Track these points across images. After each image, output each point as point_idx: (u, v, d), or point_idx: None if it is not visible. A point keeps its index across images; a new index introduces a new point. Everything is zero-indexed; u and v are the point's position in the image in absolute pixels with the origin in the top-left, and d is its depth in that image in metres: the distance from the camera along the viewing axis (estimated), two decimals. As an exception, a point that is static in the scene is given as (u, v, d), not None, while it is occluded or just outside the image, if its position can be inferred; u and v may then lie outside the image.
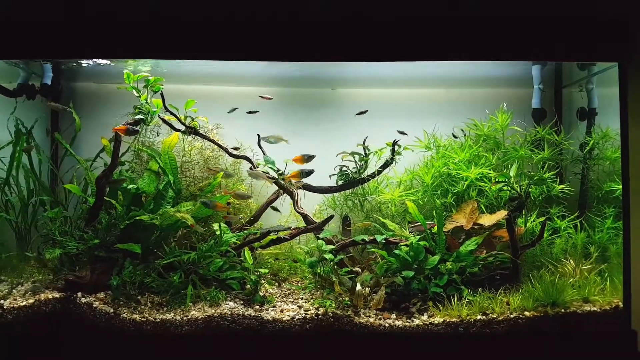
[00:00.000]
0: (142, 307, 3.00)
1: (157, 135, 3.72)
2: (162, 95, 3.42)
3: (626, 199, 2.97)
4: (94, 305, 2.93)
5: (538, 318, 2.88)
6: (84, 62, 3.50)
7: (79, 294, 3.00)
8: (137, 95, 3.43)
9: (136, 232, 3.24)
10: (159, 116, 3.51)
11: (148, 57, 3.27)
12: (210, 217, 3.48)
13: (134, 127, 3.16)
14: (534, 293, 2.98)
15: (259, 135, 3.69)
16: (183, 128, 3.56)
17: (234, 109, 3.67)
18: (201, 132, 3.63)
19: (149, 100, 3.45)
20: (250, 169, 3.61)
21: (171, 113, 3.49)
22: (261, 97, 3.69)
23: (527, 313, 2.90)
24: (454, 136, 3.77)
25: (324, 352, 2.90)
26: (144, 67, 3.53)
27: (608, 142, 3.61)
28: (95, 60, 3.40)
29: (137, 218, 3.14)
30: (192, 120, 3.56)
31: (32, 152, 3.70)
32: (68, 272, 3.14)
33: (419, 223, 3.36)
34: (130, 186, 3.33)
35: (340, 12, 2.97)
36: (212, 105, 3.83)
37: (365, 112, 3.67)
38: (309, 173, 3.36)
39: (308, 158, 3.37)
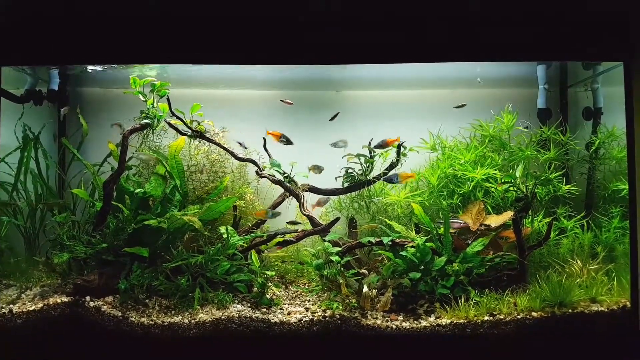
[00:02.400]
0: (150, 310, 3.01)
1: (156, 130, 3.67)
2: (168, 99, 3.44)
3: (632, 198, 2.95)
4: (103, 309, 2.94)
5: (545, 318, 2.87)
6: (91, 68, 3.52)
7: (88, 297, 3.01)
8: (144, 99, 3.46)
9: (144, 236, 3.25)
10: (165, 120, 3.53)
11: (152, 62, 3.32)
12: (217, 220, 3.50)
13: (287, 138, 3.29)
14: (541, 293, 2.96)
15: (264, 138, 3.71)
16: (189, 132, 3.58)
17: (285, 140, 3.60)
18: (207, 135, 3.65)
19: (155, 105, 3.49)
20: (257, 172, 3.63)
21: (177, 117, 3.51)
22: (282, 101, 3.71)
23: (534, 314, 2.90)
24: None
25: (332, 354, 2.90)
26: (150, 71, 3.55)
27: (614, 141, 3.60)
28: (101, 65, 3.43)
29: (145, 222, 3.15)
30: (198, 124, 3.58)
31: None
32: (76, 276, 3.16)
33: (460, 221, 3.34)
34: (137, 190, 3.35)
35: (342, 14, 2.97)
36: (218, 109, 3.85)
37: (337, 114, 3.69)
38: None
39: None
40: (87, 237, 3.26)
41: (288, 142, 3.40)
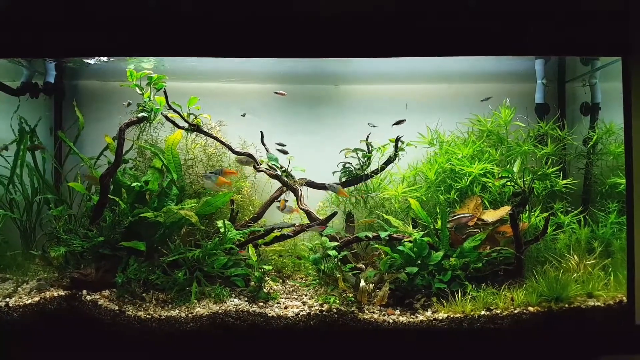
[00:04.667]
0: (147, 304, 3.01)
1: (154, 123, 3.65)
2: (165, 92, 3.42)
3: (630, 194, 2.95)
4: (99, 303, 2.93)
5: (542, 313, 2.88)
6: (88, 60, 3.49)
7: (84, 291, 3.00)
8: (140, 92, 3.45)
9: (140, 230, 3.24)
10: (162, 114, 3.51)
11: (150, 55, 3.27)
12: (214, 214, 3.49)
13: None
14: (537, 288, 2.96)
15: (262, 132, 3.70)
16: (186, 125, 3.56)
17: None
18: (204, 129, 3.63)
19: (152, 98, 3.47)
20: (254, 166, 3.62)
21: (174, 110, 3.49)
22: (276, 93, 3.70)
23: (531, 308, 2.90)
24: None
25: (328, 348, 2.90)
26: (147, 64, 3.52)
27: (611, 136, 3.60)
28: (98, 58, 3.40)
29: (141, 215, 3.14)
30: (195, 117, 3.57)
31: (36, 150, 3.71)
32: (73, 270, 3.15)
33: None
34: (134, 184, 3.33)
35: (339, 8, 2.95)
36: (215, 102, 3.83)
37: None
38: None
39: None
40: (83, 230, 3.25)
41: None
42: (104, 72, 3.82)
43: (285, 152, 3.58)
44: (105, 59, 3.43)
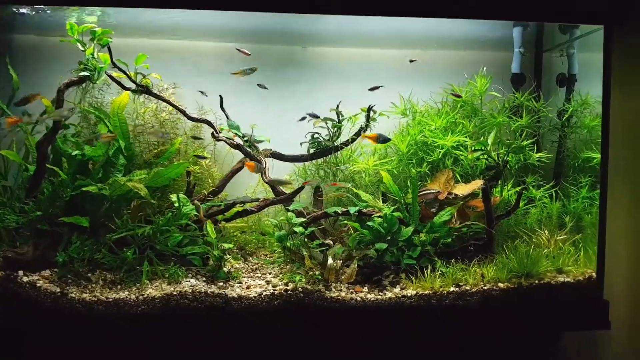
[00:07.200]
0: (93, 285, 2.79)
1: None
2: (109, 49, 3.09)
3: (604, 168, 2.91)
4: (38, 285, 2.70)
5: (512, 289, 2.85)
6: (22, 10, 3.12)
7: (20, 272, 2.76)
8: (82, 49, 3.11)
9: (84, 204, 2.98)
10: (106, 73, 3.19)
11: (92, 5, 2.91)
12: (167, 187, 3.22)
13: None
14: (508, 264, 2.94)
15: (221, 96, 3.41)
16: (133, 86, 3.23)
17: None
18: (154, 91, 3.31)
19: (95, 55, 3.15)
20: (212, 134, 3.35)
21: (120, 69, 3.16)
22: (238, 50, 3.37)
23: (500, 284, 2.87)
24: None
25: (294, 329, 2.79)
26: (90, 17, 3.16)
27: (587, 109, 3.53)
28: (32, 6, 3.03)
29: (84, 188, 2.85)
30: (144, 77, 3.23)
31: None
32: (7, 249, 2.87)
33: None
34: (75, 152, 3.02)
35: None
36: (168, 61, 3.49)
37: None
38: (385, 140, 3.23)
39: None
40: (19, 204, 2.95)
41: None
42: (42, 25, 3.41)
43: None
44: (39, 7, 3.03)
